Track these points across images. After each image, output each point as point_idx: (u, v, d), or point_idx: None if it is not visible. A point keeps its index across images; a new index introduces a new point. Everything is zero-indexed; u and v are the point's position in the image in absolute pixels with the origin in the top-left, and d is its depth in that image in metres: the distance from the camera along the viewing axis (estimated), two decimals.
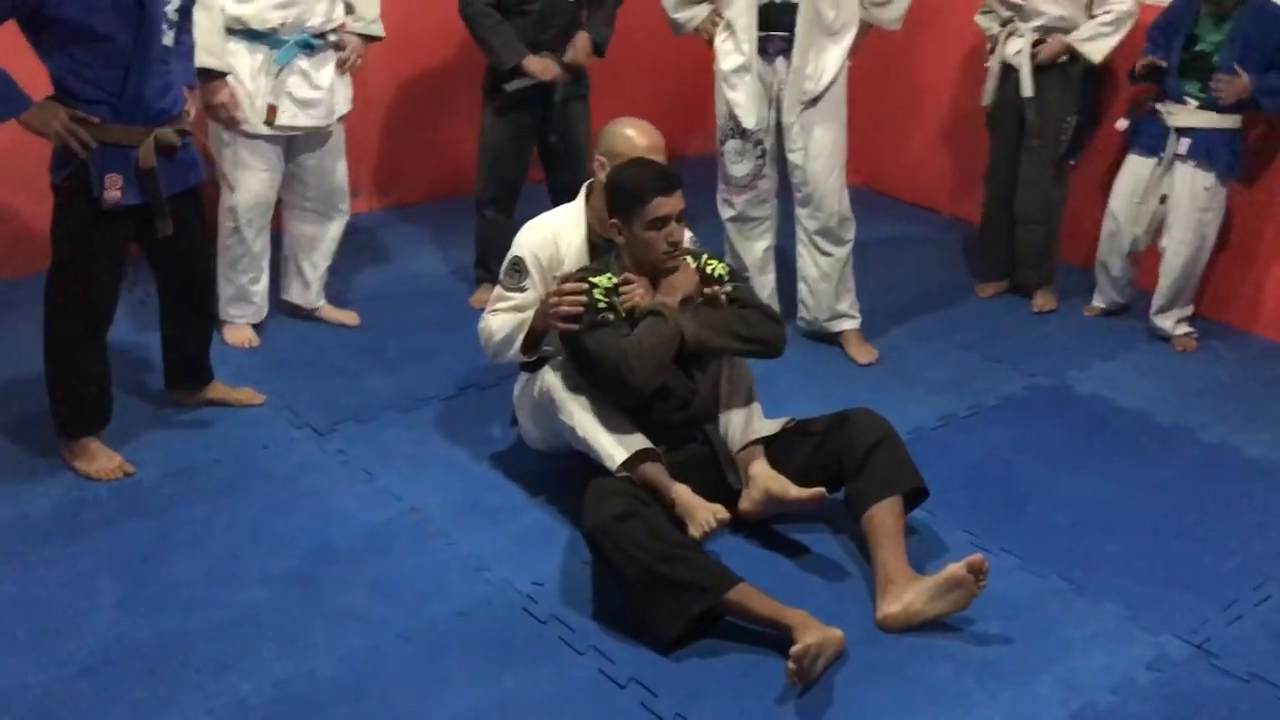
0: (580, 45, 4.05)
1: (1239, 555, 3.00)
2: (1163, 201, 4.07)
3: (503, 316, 3.05)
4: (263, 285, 3.91)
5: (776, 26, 3.69)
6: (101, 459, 3.17)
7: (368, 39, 3.84)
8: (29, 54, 2.87)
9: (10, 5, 2.75)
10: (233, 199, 3.72)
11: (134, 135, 2.92)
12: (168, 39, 2.94)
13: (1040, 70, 4.11)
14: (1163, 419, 3.67)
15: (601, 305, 2.85)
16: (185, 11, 3.07)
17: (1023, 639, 2.67)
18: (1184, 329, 4.16)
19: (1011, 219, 4.39)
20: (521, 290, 3.05)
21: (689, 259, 2.98)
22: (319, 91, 3.70)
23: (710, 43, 3.87)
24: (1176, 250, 4.05)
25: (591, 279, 2.87)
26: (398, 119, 5.09)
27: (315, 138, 3.81)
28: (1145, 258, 4.24)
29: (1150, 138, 4.04)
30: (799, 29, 3.66)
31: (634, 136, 3.06)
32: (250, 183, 3.72)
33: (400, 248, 4.78)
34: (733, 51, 3.78)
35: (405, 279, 4.52)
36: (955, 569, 2.63)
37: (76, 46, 2.81)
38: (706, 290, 2.92)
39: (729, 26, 3.77)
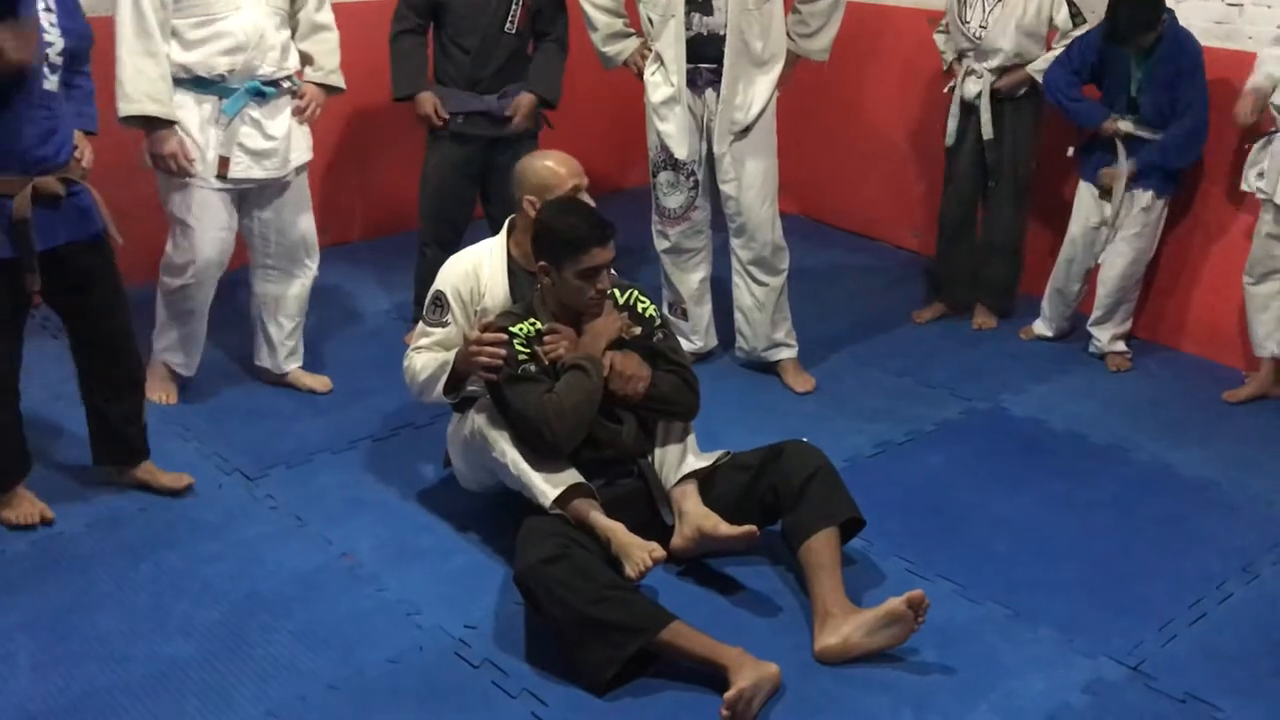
0: (523, 107, 3.99)
1: (1173, 575, 3.02)
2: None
3: (426, 356, 3.03)
4: (200, 342, 3.73)
5: (705, 58, 3.71)
6: (24, 505, 3.09)
7: (328, 89, 3.69)
8: None
9: None
10: (183, 255, 3.53)
11: (9, 184, 2.74)
12: (50, 84, 2.77)
13: (1000, 104, 4.15)
14: (1097, 439, 3.69)
15: (523, 356, 2.83)
16: (74, 54, 2.91)
17: (959, 666, 2.66)
18: (1119, 347, 4.20)
19: (969, 253, 4.43)
20: (443, 325, 3.03)
21: (615, 291, 2.97)
22: (273, 141, 3.52)
23: (640, 75, 3.88)
24: (1112, 262, 4.11)
25: (512, 328, 2.85)
26: (335, 155, 5.04)
27: (270, 190, 3.62)
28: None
29: (1098, 164, 4.09)
30: (727, 60, 3.68)
31: (555, 166, 3.06)
32: (202, 239, 3.51)
33: (338, 286, 4.72)
34: (662, 83, 3.79)
35: (342, 317, 4.47)
36: (895, 604, 2.61)
37: None
38: (627, 338, 2.87)
39: (658, 59, 3.78)
